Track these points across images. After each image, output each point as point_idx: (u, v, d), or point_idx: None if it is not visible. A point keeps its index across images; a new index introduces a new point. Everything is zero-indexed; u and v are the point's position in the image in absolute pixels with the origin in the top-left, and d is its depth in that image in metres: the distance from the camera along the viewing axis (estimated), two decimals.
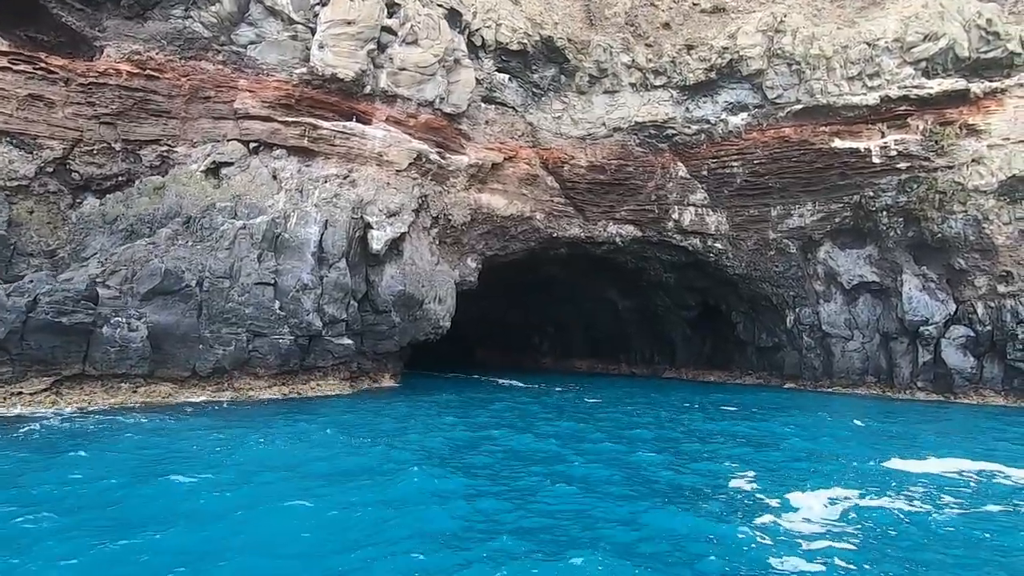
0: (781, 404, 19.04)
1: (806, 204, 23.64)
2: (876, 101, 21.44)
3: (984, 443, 11.54)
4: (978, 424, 15.21)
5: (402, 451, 8.97)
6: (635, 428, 12.60)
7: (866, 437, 12.13)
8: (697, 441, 11.26)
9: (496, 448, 9.88)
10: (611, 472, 8.45)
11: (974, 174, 20.72)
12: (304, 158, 17.12)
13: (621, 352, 35.26)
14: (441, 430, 11.10)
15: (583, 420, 13.59)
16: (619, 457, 9.65)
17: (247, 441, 8.98)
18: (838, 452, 10.23)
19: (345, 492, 6.83)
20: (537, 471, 8.43)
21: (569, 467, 8.84)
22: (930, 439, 11.81)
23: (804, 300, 24.77)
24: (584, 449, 10.20)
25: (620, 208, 24.99)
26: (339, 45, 17.55)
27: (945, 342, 21.23)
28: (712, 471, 8.70)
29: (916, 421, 15.26)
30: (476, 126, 21.80)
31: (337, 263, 15.73)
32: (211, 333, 13.12)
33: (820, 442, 11.18)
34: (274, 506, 6.22)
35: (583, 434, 11.66)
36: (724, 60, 22.85)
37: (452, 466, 8.43)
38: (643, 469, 8.84)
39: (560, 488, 7.38)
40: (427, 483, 7.28)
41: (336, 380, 15.83)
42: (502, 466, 8.58)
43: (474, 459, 9.01)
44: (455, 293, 20.03)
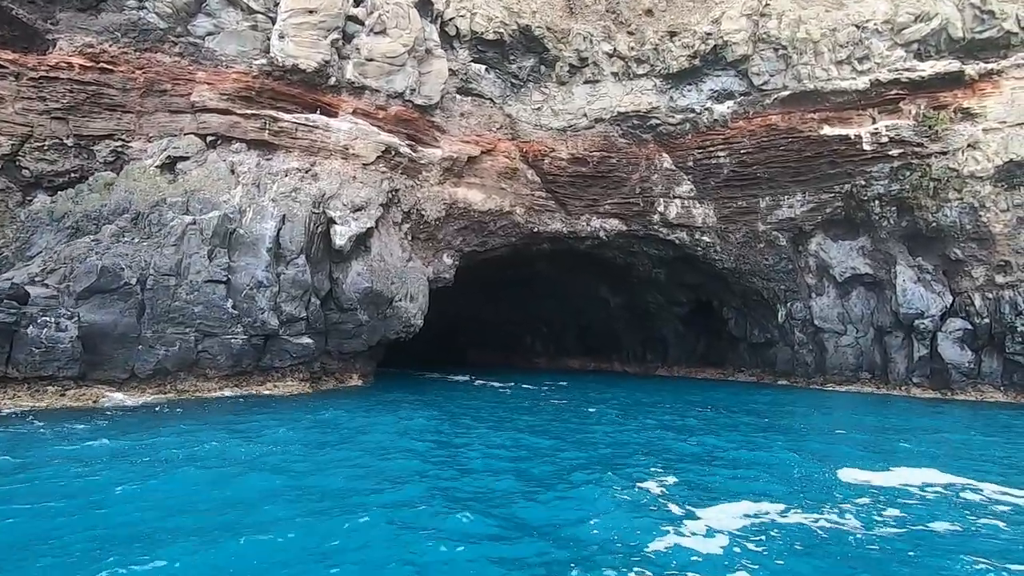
0: (759, 403, 18.13)
1: (795, 194, 22.80)
2: (866, 85, 20.58)
3: (967, 451, 10.64)
4: (971, 425, 14.26)
5: (267, 474, 7.52)
6: (577, 432, 11.66)
7: (833, 442, 11.23)
8: (633, 446, 10.30)
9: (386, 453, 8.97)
10: (499, 479, 7.75)
11: (970, 160, 19.81)
12: (264, 152, 16.56)
13: (614, 351, 34.52)
14: (360, 437, 10.18)
15: (527, 422, 12.76)
16: (531, 458, 8.94)
17: (114, 453, 8.00)
18: (789, 460, 9.32)
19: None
20: (427, 473, 7.77)
21: (466, 464, 8.21)
22: (905, 446, 10.90)
23: (796, 294, 23.92)
24: (495, 447, 9.53)
25: (604, 201, 24.26)
26: (300, 35, 16.98)
27: (942, 336, 20.33)
28: (631, 476, 7.96)
29: (902, 423, 14.28)
30: (451, 118, 21.16)
31: (295, 259, 15.13)
32: (153, 333, 12.56)
33: (774, 448, 10.25)
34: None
35: (509, 435, 10.85)
36: (708, 46, 22.07)
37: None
38: (549, 473, 8.10)
39: (437, 502, 6.59)
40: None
41: (295, 380, 15.23)
42: (364, 477, 7.52)
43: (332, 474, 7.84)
44: (428, 291, 19.39)
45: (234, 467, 7.71)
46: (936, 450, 10.64)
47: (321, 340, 16.30)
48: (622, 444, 10.52)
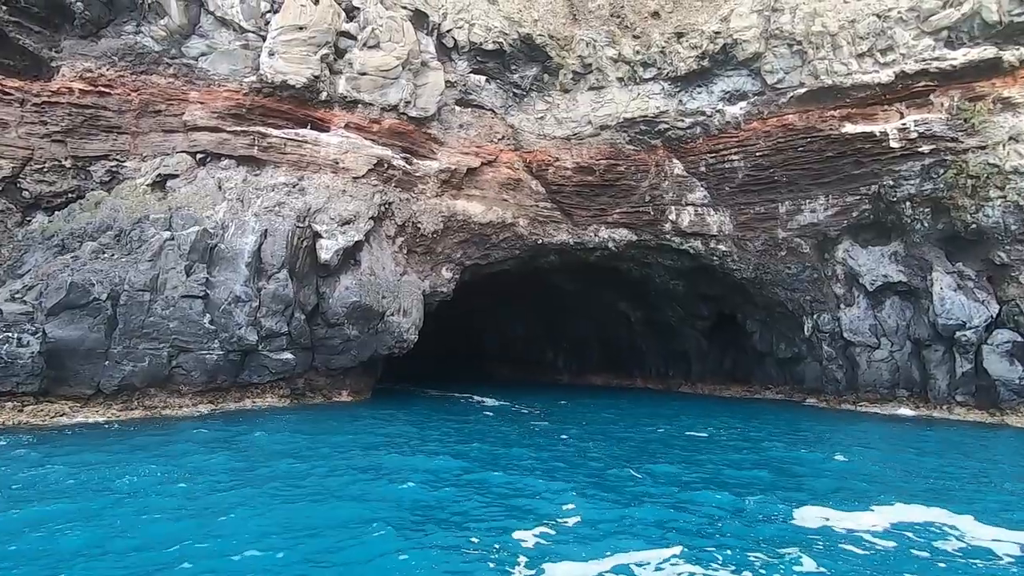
0: (770, 428, 16.42)
1: (818, 198, 21.26)
2: (890, 78, 19.04)
3: (981, 490, 9.16)
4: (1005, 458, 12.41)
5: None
6: (538, 460, 10.56)
7: (817, 476, 9.87)
8: (583, 480, 9.19)
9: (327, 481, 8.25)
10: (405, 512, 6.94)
11: (1012, 153, 17.93)
12: (253, 167, 16.63)
13: (636, 367, 33.14)
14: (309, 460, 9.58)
15: (484, 449, 11.87)
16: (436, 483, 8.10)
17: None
18: (737, 499, 8.11)
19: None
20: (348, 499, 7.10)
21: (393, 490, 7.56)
22: (899, 483, 9.44)
23: (823, 305, 22.20)
24: (430, 472, 8.80)
25: (612, 211, 23.35)
26: (290, 51, 17.08)
27: (987, 349, 18.29)
28: (548, 514, 7.05)
29: (924, 458, 12.48)
30: (449, 130, 20.88)
31: (276, 274, 14.98)
32: (123, 348, 12.55)
33: (742, 483, 8.97)
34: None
35: (453, 467, 10.05)
36: (717, 45, 21.04)
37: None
38: (470, 510, 7.28)
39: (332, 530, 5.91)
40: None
41: (275, 397, 14.98)
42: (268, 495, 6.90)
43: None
44: (423, 305, 18.94)
45: (88, 502, 6.99)
46: (941, 485, 9.17)
47: (307, 356, 16.04)
48: (551, 476, 9.41)
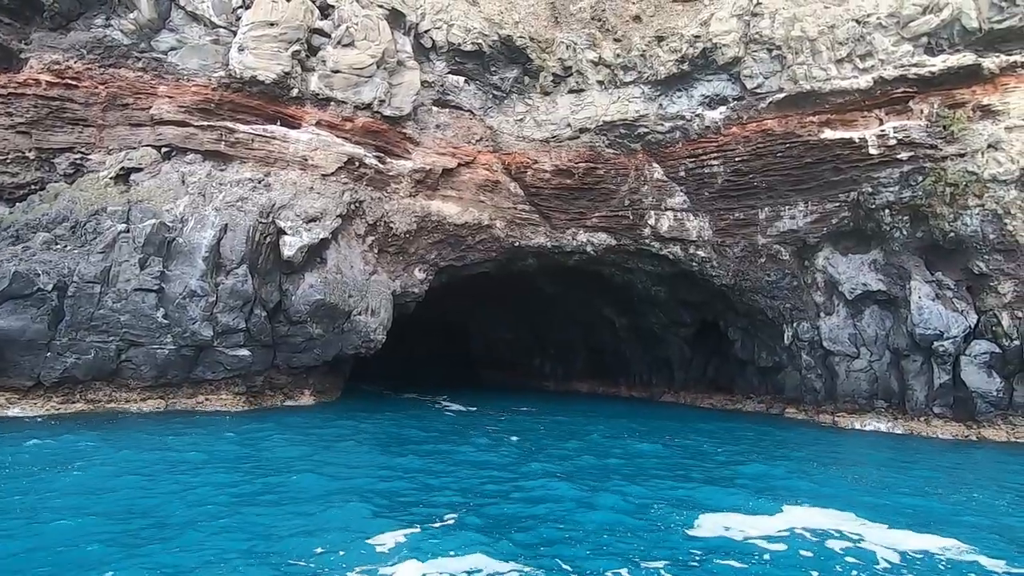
0: (713, 443, 15.24)
1: (797, 204, 20.99)
2: (869, 84, 18.81)
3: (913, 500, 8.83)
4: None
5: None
6: (430, 470, 9.98)
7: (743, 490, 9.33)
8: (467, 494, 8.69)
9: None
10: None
11: (991, 161, 17.64)
12: (219, 162, 16.51)
13: (621, 374, 32.79)
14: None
15: (412, 461, 11.43)
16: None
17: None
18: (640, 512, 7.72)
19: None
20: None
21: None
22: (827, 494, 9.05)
23: (802, 313, 21.86)
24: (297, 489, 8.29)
25: (591, 215, 23.13)
26: (260, 47, 17.00)
27: (965, 360, 17.91)
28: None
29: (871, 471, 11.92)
30: (425, 130, 20.75)
31: (235, 269, 14.79)
32: (68, 340, 12.36)
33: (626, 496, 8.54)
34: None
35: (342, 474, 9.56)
36: (697, 49, 20.89)
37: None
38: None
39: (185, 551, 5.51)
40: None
41: (230, 394, 14.75)
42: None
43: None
44: (392, 305, 18.72)
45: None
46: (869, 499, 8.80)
47: (267, 353, 15.82)
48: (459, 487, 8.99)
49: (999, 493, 9.39)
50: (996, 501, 8.72)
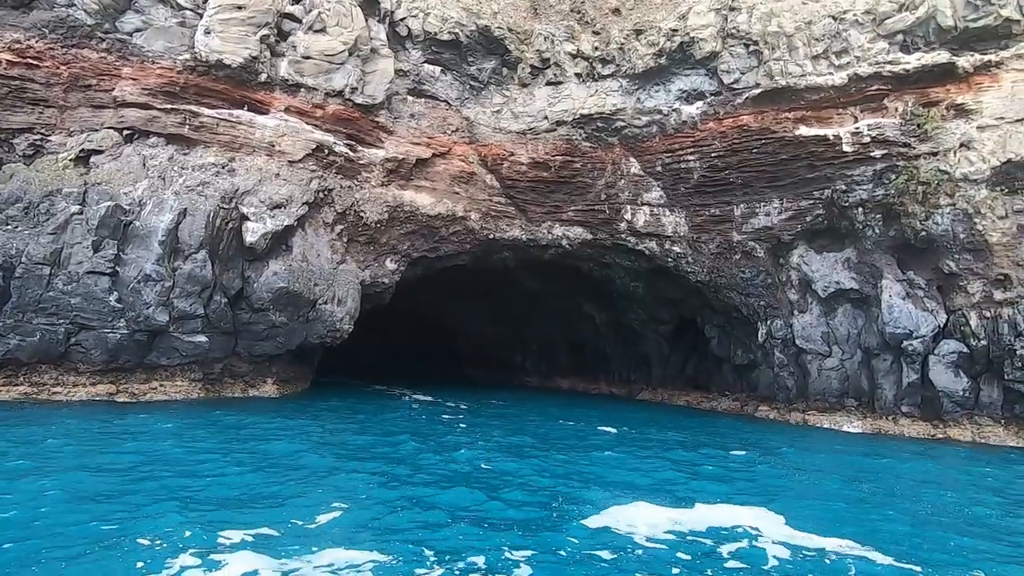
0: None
1: (772, 201, 20.90)
2: (844, 81, 18.72)
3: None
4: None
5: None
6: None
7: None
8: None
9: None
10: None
11: (963, 160, 17.57)
12: (182, 146, 16.26)
13: (602, 371, 32.70)
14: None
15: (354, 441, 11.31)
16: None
17: None
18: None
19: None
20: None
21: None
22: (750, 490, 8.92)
23: (776, 311, 21.79)
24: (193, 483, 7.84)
25: (567, 208, 22.98)
26: (227, 31, 16.76)
27: (933, 359, 17.87)
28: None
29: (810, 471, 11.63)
30: (399, 119, 20.54)
31: (194, 254, 14.58)
32: (13, 322, 12.15)
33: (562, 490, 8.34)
34: None
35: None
36: (674, 43, 20.74)
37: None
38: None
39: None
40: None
41: (186, 381, 14.55)
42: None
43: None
44: (360, 295, 18.53)
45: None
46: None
47: (227, 340, 15.62)
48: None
49: (927, 496, 9.20)
50: (916, 506, 8.47)
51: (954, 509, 8.36)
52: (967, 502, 8.78)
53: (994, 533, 7.08)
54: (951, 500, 8.92)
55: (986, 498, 9.12)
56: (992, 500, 9.01)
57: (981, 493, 9.50)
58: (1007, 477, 11.10)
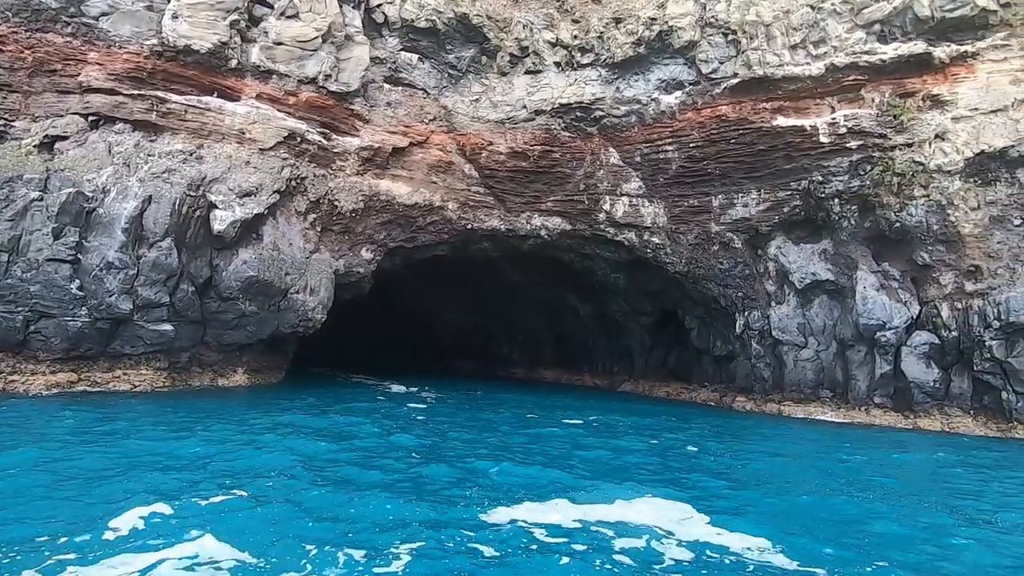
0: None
1: (750, 192, 20.85)
2: (821, 71, 18.62)
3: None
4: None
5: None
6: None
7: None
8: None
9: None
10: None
11: (937, 152, 17.55)
12: (149, 133, 16.04)
13: (586, 362, 32.74)
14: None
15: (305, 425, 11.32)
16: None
17: None
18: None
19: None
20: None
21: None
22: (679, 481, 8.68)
23: (754, 302, 21.80)
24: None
25: (546, 198, 22.87)
26: (196, 15, 16.50)
27: (906, 351, 17.92)
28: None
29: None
30: (375, 107, 20.33)
31: (159, 242, 14.42)
32: None
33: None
34: None
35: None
36: (653, 32, 20.58)
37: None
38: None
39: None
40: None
41: (151, 370, 14.42)
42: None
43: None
44: (333, 285, 18.41)
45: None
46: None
47: (195, 329, 15.50)
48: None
49: (873, 492, 8.78)
50: (847, 506, 7.88)
51: (900, 511, 7.80)
52: (921, 503, 8.31)
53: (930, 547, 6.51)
54: (901, 500, 8.37)
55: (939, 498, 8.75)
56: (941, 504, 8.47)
57: (934, 492, 9.26)
58: (974, 475, 10.80)
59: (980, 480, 10.22)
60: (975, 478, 10.37)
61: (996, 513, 7.96)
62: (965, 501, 8.55)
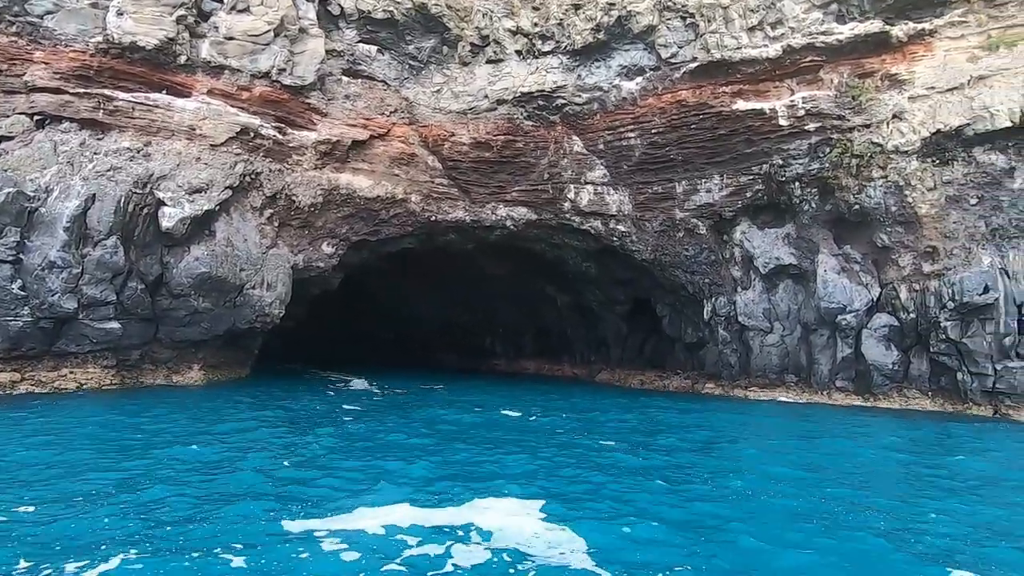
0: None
1: (713, 178, 20.70)
2: (778, 53, 18.42)
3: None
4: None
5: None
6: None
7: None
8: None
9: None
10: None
11: (895, 132, 17.38)
12: (96, 131, 16.00)
13: (564, 352, 32.73)
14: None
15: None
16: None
17: None
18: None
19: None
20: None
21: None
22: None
23: (720, 288, 21.70)
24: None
25: (511, 188, 22.74)
26: (141, 12, 16.39)
27: (867, 333, 17.84)
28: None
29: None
30: (333, 101, 20.20)
31: (104, 241, 14.41)
32: None
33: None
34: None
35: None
36: (612, 18, 20.36)
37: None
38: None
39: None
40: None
41: (98, 369, 14.46)
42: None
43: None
44: (290, 279, 18.39)
45: None
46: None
47: (146, 327, 15.53)
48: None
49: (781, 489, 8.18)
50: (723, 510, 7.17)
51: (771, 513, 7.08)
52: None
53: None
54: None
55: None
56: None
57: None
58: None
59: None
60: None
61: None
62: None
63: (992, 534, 6.46)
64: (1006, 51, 16.53)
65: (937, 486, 8.52)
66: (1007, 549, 6.04)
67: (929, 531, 6.52)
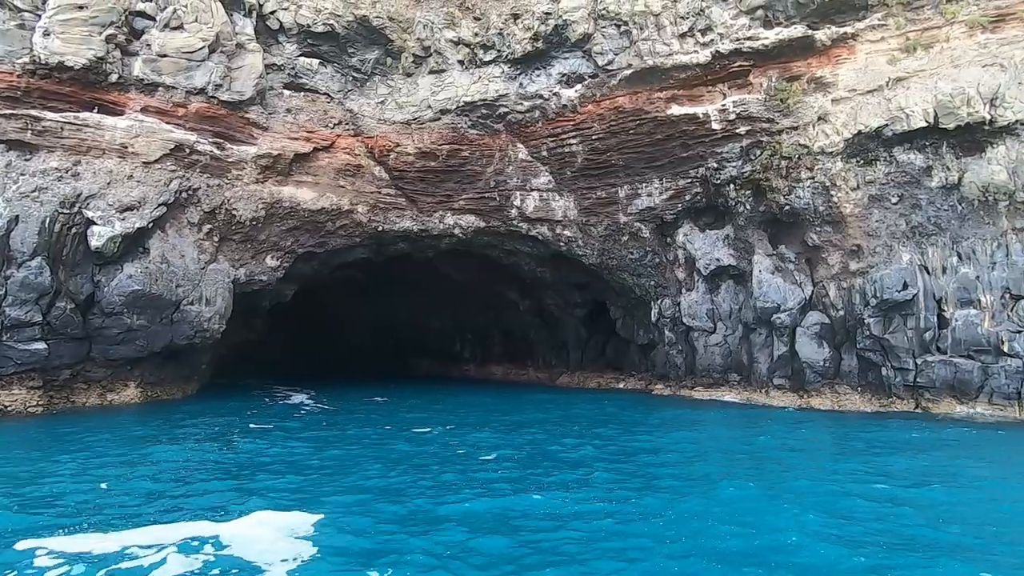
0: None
1: (653, 182, 21.01)
2: (708, 58, 18.77)
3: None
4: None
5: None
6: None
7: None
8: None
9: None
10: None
11: (820, 134, 17.77)
12: (24, 152, 15.98)
13: (528, 357, 32.92)
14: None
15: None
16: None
17: None
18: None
19: None
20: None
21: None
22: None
23: (666, 290, 22.02)
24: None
25: (458, 197, 22.94)
26: (68, 31, 16.41)
27: (800, 331, 18.19)
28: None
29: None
30: (274, 115, 20.30)
31: (28, 262, 14.43)
32: None
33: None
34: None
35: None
36: (549, 27, 20.61)
37: None
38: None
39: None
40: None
41: (23, 390, 14.46)
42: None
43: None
44: (231, 294, 18.45)
45: None
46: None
47: (78, 346, 15.54)
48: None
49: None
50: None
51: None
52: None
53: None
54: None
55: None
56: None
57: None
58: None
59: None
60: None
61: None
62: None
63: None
64: (923, 53, 16.97)
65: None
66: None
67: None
